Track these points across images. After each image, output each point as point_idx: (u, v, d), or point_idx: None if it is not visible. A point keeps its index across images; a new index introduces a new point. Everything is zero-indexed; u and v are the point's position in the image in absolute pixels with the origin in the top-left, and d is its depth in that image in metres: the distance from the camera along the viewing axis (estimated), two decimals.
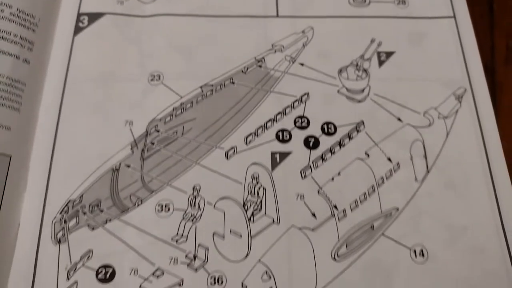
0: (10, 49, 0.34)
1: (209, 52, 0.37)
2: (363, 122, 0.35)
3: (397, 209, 0.33)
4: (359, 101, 0.36)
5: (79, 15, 0.38)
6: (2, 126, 0.32)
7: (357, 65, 0.37)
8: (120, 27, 0.38)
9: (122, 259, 0.31)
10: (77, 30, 0.38)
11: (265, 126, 0.35)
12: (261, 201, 0.33)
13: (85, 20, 0.38)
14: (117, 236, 0.31)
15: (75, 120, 0.35)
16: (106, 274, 0.30)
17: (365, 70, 0.37)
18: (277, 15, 0.39)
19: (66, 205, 0.32)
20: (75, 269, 0.31)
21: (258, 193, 0.33)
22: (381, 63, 0.38)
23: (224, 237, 0.32)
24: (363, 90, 0.36)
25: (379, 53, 0.38)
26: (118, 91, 0.36)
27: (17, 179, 0.32)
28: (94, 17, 0.38)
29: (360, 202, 0.33)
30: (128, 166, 0.33)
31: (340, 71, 0.37)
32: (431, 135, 0.35)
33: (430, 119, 0.36)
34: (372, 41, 0.38)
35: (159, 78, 0.36)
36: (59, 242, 0.31)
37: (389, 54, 0.38)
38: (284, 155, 0.34)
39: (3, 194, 0.31)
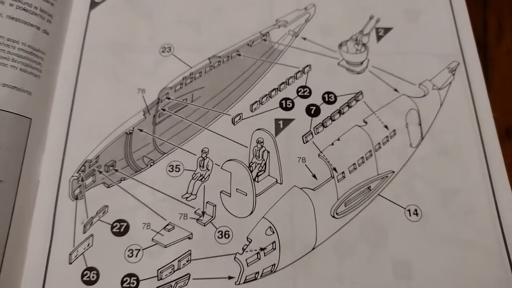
0: (31, 20, 0.36)
1: (216, 26, 0.40)
2: (361, 92, 0.37)
3: (393, 172, 0.35)
4: (358, 73, 0.38)
5: None
6: (24, 91, 0.34)
7: (356, 39, 0.39)
8: (133, 2, 0.40)
9: (136, 215, 0.33)
10: (93, 5, 0.40)
11: (269, 95, 0.37)
12: (265, 163, 0.35)
13: None
14: (131, 193, 0.34)
15: (91, 87, 0.37)
16: (121, 228, 0.33)
17: (364, 45, 0.39)
18: None
19: (83, 164, 0.34)
20: (91, 223, 0.33)
21: (262, 156, 0.35)
22: (379, 38, 0.40)
23: (230, 195, 0.34)
24: (362, 63, 0.39)
25: (377, 29, 0.40)
26: (131, 61, 0.38)
27: (37, 140, 0.34)
28: None
29: (358, 165, 0.35)
30: (141, 130, 0.36)
31: (340, 45, 0.39)
32: (426, 104, 0.37)
33: (425, 90, 0.38)
34: (371, 17, 0.41)
35: (170, 50, 0.38)
36: (76, 198, 0.33)
37: (387, 30, 0.40)
38: (287, 122, 0.36)
39: (24, 154, 0.33)
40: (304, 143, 0.35)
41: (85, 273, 0.31)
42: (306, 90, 0.37)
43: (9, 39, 0.34)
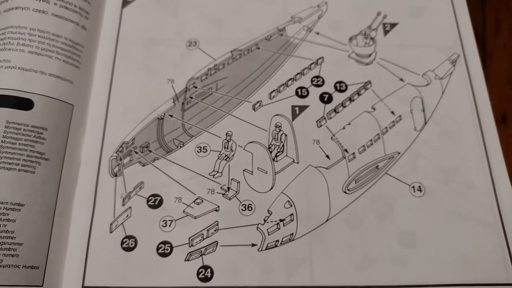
0: (72, 17, 0.40)
1: (237, 22, 0.43)
2: (370, 82, 0.41)
3: (399, 153, 0.39)
4: (367, 64, 0.42)
5: None
6: (66, 80, 0.38)
7: (365, 34, 0.43)
8: (161, 1, 0.44)
9: (168, 190, 0.37)
10: (125, 3, 0.44)
11: (286, 84, 0.41)
12: (283, 145, 0.39)
13: None
14: (163, 171, 0.37)
15: (126, 77, 0.41)
16: (155, 201, 0.36)
17: (372, 38, 0.43)
18: None
19: (121, 146, 0.38)
20: (129, 197, 0.37)
21: (280, 139, 0.39)
22: (386, 32, 0.43)
23: (252, 173, 0.37)
24: (370, 55, 0.42)
25: (384, 24, 0.44)
26: (161, 54, 0.42)
27: (78, 124, 0.38)
28: None
29: (367, 146, 0.39)
30: (171, 116, 0.40)
31: (350, 39, 0.43)
32: (429, 93, 0.41)
33: (428, 80, 0.41)
34: (378, 14, 0.44)
35: (196, 44, 0.42)
36: (116, 175, 0.37)
37: (393, 25, 0.44)
38: (302, 108, 0.40)
39: (68, 136, 0.37)
40: (318, 127, 0.39)
41: (124, 240, 0.35)
42: (320, 80, 0.41)
43: (53, 34, 0.38)
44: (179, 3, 0.44)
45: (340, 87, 0.41)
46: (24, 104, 0.35)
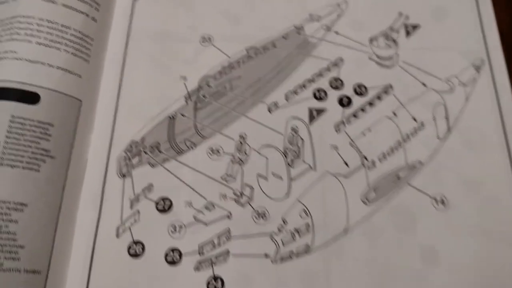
0: (82, 7, 0.38)
1: (254, 19, 0.42)
2: (391, 86, 0.39)
3: (421, 162, 0.37)
4: (388, 67, 0.40)
5: None
6: (75, 74, 0.36)
7: (386, 35, 0.41)
8: None
9: (178, 193, 0.35)
10: None
11: (303, 85, 0.39)
12: (299, 150, 0.37)
13: None
14: (174, 173, 0.36)
15: (137, 73, 0.39)
16: (165, 205, 0.35)
17: (393, 40, 0.41)
18: None
19: (130, 145, 0.36)
20: (138, 200, 0.35)
21: (297, 143, 0.37)
22: (408, 34, 0.41)
23: (267, 178, 0.36)
24: (391, 57, 0.40)
25: (406, 25, 0.42)
26: (173, 50, 0.40)
27: (86, 121, 0.37)
28: None
29: (388, 154, 0.37)
30: (183, 115, 0.38)
31: (371, 40, 0.41)
32: (452, 99, 0.39)
33: (451, 85, 0.39)
34: (400, 14, 0.42)
35: (210, 40, 0.41)
36: (124, 176, 0.36)
37: (415, 27, 0.42)
38: (320, 111, 0.38)
39: (75, 134, 0.36)
40: (337, 132, 0.37)
41: (131, 246, 0.33)
42: (339, 82, 0.39)
43: (62, 25, 0.37)
44: None
45: (360, 90, 0.39)
46: (30, 97, 0.34)
